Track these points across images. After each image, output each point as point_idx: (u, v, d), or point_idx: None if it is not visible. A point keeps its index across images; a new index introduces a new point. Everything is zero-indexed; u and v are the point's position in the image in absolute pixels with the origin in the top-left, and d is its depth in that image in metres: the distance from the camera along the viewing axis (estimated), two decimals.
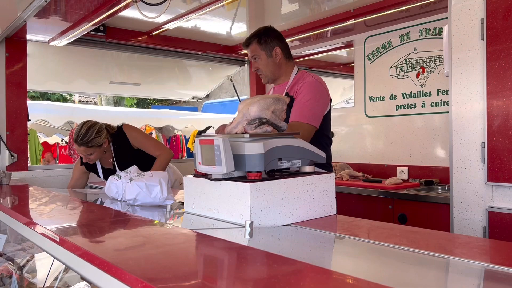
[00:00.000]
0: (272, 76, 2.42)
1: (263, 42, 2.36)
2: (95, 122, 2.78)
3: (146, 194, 1.84)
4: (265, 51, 2.37)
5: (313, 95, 2.24)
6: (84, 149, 2.70)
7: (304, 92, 2.25)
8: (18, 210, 1.71)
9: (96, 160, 2.83)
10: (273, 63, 2.38)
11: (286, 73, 2.41)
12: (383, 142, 3.71)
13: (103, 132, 2.74)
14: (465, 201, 2.02)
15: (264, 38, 2.36)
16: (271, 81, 2.46)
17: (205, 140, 1.48)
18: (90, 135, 2.67)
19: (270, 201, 1.42)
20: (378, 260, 1.15)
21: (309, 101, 2.22)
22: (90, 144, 2.68)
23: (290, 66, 2.42)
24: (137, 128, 2.94)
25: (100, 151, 2.78)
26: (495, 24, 1.89)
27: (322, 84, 2.33)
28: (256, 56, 2.39)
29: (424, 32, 3.42)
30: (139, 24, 3.70)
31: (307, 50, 4.43)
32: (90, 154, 2.73)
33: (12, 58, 3.27)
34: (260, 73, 2.43)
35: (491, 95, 1.90)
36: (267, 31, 2.40)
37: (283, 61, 2.39)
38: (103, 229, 1.36)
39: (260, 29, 2.42)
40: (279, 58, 2.37)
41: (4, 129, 3.20)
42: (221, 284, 0.77)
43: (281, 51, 2.37)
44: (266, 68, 2.39)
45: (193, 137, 8.65)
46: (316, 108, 2.23)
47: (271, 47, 2.36)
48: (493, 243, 1.38)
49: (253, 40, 2.38)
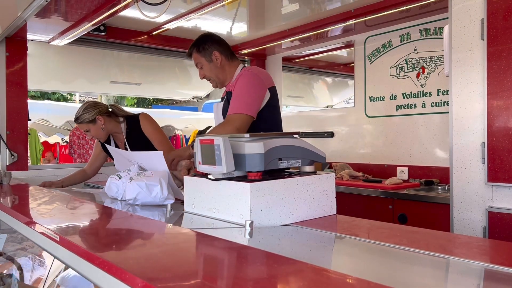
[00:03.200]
0: (218, 80, 2.48)
1: (201, 50, 2.43)
2: (88, 102, 2.95)
3: (146, 193, 1.84)
4: (205, 57, 2.43)
5: (244, 85, 2.28)
6: (79, 126, 2.91)
7: (236, 86, 2.30)
8: (19, 209, 1.71)
9: (97, 136, 2.95)
10: (215, 67, 2.44)
11: (231, 73, 2.46)
12: (383, 142, 3.71)
13: (92, 109, 2.85)
14: (465, 201, 2.02)
15: (202, 46, 2.43)
16: (219, 84, 2.51)
17: (205, 140, 1.48)
18: (79, 113, 2.85)
19: (270, 201, 1.42)
20: (378, 260, 1.15)
21: (240, 92, 2.26)
22: (79, 121, 2.86)
23: (233, 66, 2.47)
24: (152, 120, 3.00)
25: (96, 128, 2.87)
26: (496, 24, 1.89)
27: (254, 73, 2.34)
28: (199, 64, 2.46)
29: (424, 32, 3.42)
30: (139, 24, 3.70)
31: (307, 50, 4.44)
32: (87, 131, 2.89)
33: (12, 58, 3.27)
34: (208, 79, 2.50)
35: (491, 95, 1.90)
36: (203, 38, 2.46)
37: (225, 63, 2.45)
38: (103, 229, 1.36)
39: (198, 37, 2.49)
40: (219, 60, 2.42)
41: (4, 129, 3.20)
42: (221, 284, 0.77)
43: (220, 54, 2.42)
44: (210, 73, 2.46)
45: (193, 136, 8.65)
46: (248, 97, 2.25)
47: (209, 52, 2.42)
48: (493, 243, 1.38)
49: (193, 49, 2.46)
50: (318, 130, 4.30)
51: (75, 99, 16.56)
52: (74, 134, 7.47)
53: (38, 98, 14.31)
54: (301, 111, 4.85)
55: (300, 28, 3.84)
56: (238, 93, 2.27)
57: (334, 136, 4.15)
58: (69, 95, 16.26)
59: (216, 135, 1.46)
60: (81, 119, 2.84)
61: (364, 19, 3.46)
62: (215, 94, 13.29)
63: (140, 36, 3.90)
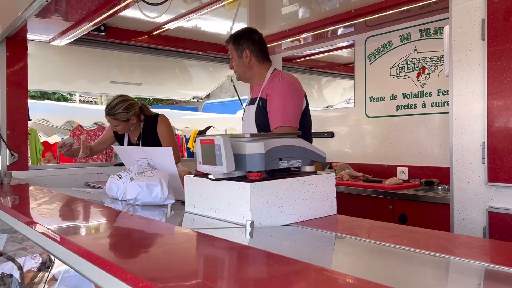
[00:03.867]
0: (242, 75, 2.57)
1: (236, 44, 2.51)
2: (128, 99, 2.94)
3: (147, 193, 1.84)
4: (237, 52, 2.51)
5: (283, 96, 2.32)
6: (109, 119, 2.90)
7: (274, 96, 2.34)
8: (19, 209, 1.71)
9: (122, 132, 3.00)
10: (243, 64, 2.51)
11: (260, 74, 2.52)
12: (384, 142, 3.71)
13: (132, 110, 2.90)
14: (465, 201, 2.02)
15: (238, 40, 2.51)
16: (242, 79, 2.61)
17: (206, 140, 1.48)
18: (117, 109, 2.85)
19: (271, 201, 1.42)
20: (378, 260, 1.15)
21: (280, 103, 2.31)
22: (114, 117, 2.86)
23: (264, 68, 2.52)
24: (168, 123, 3.07)
25: (126, 126, 2.94)
26: (496, 24, 1.89)
27: (291, 82, 2.39)
28: (231, 56, 2.56)
29: (424, 32, 3.42)
30: (139, 24, 3.70)
31: (307, 50, 4.43)
32: (116, 126, 2.92)
33: (12, 58, 3.27)
34: (234, 71, 2.60)
35: (491, 95, 1.90)
36: (242, 33, 2.54)
37: (255, 63, 2.51)
38: (104, 229, 1.36)
39: (239, 30, 2.57)
40: (248, 60, 2.49)
41: (4, 129, 3.20)
42: (222, 284, 0.77)
43: (250, 53, 2.48)
44: (237, 67, 2.55)
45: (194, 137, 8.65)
46: (290, 108, 2.31)
47: (242, 49, 2.49)
48: (493, 243, 1.38)
49: (230, 40, 2.55)
50: (318, 130, 4.30)
51: (75, 99, 16.55)
52: (74, 134, 7.47)
53: (38, 98, 14.31)
54: None
55: (300, 28, 3.84)
56: (281, 105, 2.31)
57: (334, 136, 4.15)
58: (69, 95, 16.25)
59: (216, 135, 1.46)
60: (117, 116, 2.86)
61: (364, 19, 3.46)
62: (215, 94, 13.30)
63: (140, 36, 3.91)
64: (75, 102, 15.75)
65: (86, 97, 16.46)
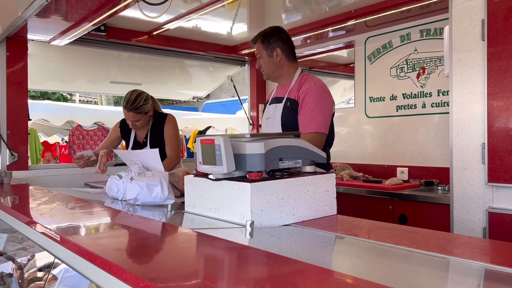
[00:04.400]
0: (272, 74, 2.52)
1: (265, 42, 2.47)
2: (142, 91, 2.97)
3: (147, 193, 1.84)
4: (267, 51, 2.47)
5: (318, 102, 2.31)
6: (132, 115, 2.87)
7: (309, 101, 2.32)
8: (19, 209, 1.71)
9: (141, 127, 2.99)
10: (274, 63, 2.47)
11: (289, 74, 2.49)
12: (384, 142, 3.71)
13: (149, 100, 2.95)
14: (465, 202, 2.02)
15: (267, 39, 2.46)
16: (271, 78, 2.56)
17: (206, 140, 1.48)
18: (139, 102, 2.86)
19: (271, 201, 1.42)
20: (378, 260, 1.15)
21: (315, 109, 2.30)
22: (138, 110, 2.86)
23: (293, 68, 2.50)
24: (176, 125, 3.10)
25: (146, 119, 2.96)
26: (496, 25, 1.89)
27: (325, 89, 2.39)
28: (259, 54, 2.51)
29: (424, 32, 3.42)
30: (140, 24, 3.70)
31: (307, 50, 4.44)
32: (137, 121, 2.91)
33: (12, 58, 3.27)
34: (262, 70, 2.55)
35: (491, 96, 1.90)
36: (272, 32, 2.49)
37: (285, 62, 2.47)
38: (104, 229, 1.36)
39: (267, 29, 2.52)
40: (279, 58, 2.46)
41: (4, 129, 3.20)
42: (222, 284, 0.77)
43: (282, 53, 2.45)
44: (266, 66, 2.51)
45: (194, 137, 8.66)
46: (323, 115, 2.32)
47: (272, 47, 2.45)
48: (493, 244, 1.39)
49: (258, 39, 2.50)
50: None
51: (75, 99, 16.54)
52: (74, 134, 7.46)
53: (38, 98, 14.30)
54: None
55: (300, 28, 3.84)
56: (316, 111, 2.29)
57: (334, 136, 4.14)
58: (69, 95, 16.24)
59: (216, 135, 1.46)
60: (140, 109, 2.86)
61: (365, 20, 3.46)
62: (215, 94, 13.30)
63: (140, 36, 3.90)
64: (75, 102, 15.74)
65: (86, 97, 16.45)
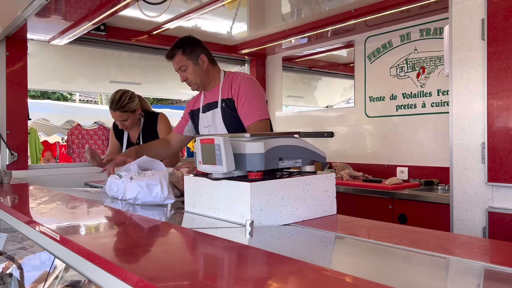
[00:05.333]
0: (201, 83, 2.45)
1: (188, 52, 2.39)
2: (127, 90, 2.95)
3: (147, 193, 1.84)
4: (192, 60, 2.39)
5: (252, 92, 2.33)
6: (119, 114, 2.86)
7: (243, 93, 2.33)
8: (19, 209, 1.71)
9: (131, 127, 2.98)
10: (201, 70, 2.41)
11: (215, 78, 2.46)
12: (383, 142, 3.71)
13: (135, 99, 2.92)
14: (465, 201, 2.02)
15: (189, 48, 2.39)
16: (201, 88, 2.48)
17: (206, 139, 1.48)
18: (123, 100, 2.84)
19: (271, 201, 1.42)
20: (378, 260, 1.15)
21: (252, 99, 2.32)
22: (124, 109, 2.85)
23: (217, 71, 2.48)
24: (168, 123, 3.08)
25: (134, 118, 2.93)
26: (496, 24, 1.89)
27: (253, 79, 2.43)
28: (183, 67, 2.40)
29: (424, 32, 3.42)
30: (139, 24, 3.70)
31: (307, 50, 4.44)
32: (125, 120, 2.89)
33: (12, 57, 3.27)
34: (189, 82, 2.45)
35: (491, 95, 1.90)
36: (189, 40, 2.43)
37: (210, 67, 2.44)
38: (103, 228, 1.36)
39: (181, 39, 2.44)
40: (206, 65, 2.41)
41: (4, 128, 3.20)
42: (222, 283, 0.77)
43: (206, 58, 2.41)
44: (195, 76, 2.42)
45: None
46: (261, 102, 2.35)
47: (197, 55, 2.39)
48: (493, 243, 1.38)
49: (177, 51, 2.39)
50: (318, 130, 4.30)
51: (75, 98, 16.54)
52: (73, 134, 7.46)
53: (38, 97, 14.30)
54: (301, 111, 4.85)
55: (300, 28, 3.84)
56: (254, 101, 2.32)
57: (334, 136, 4.15)
58: (69, 94, 16.24)
59: (216, 135, 1.46)
60: (126, 107, 2.84)
61: (364, 19, 3.46)
62: None
63: (140, 35, 3.90)
64: (75, 101, 15.74)
65: (86, 97, 16.45)
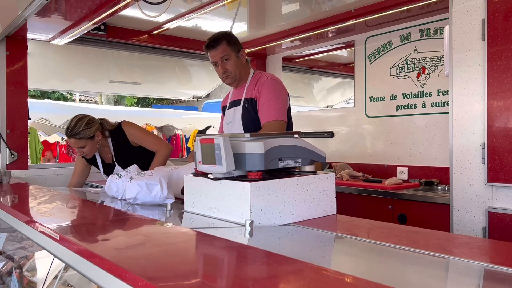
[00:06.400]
0: (239, 77, 2.43)
1: (232, 43, 2.36)
2: (85, 115, 2.76)
3: (146, 193, 1.84)
4: (234, 52, 2.37)
5: (273, 93, 2.33)
6: (74, 141, 2.69)
7: (264, 92, 2.33)
8: (19, 208, 1.71)
9: (90, 153, 2.79)
10: (241, 64, 2.42)
11: (246, 74, 2.47)
12: (383, 142, 3.71)
13: (94, 124, 2.72)
14: (465, 202, 2.02)
15: (234, 39, 2.37)
16: (236, 82, 2.46)
17: (206, 139, 1.48)
18: (78, 127, 2.65)
19: (270, 201, 1.42)
20: (378, 260, 1.15)
21: (271, 99, 2.31)
22: (79, 136, 2.66)
23: (249, 68, 2.49)
24: (135, 125, 2.92)
25: (93, 145, 2.74)
26: (496, 25, 1.89)
27: (277, 81, 2.40)
28: (227, 56, 2.35)
29: (424, 32, 3.42)
30: (139, 23, 3.70)
31: (307, 50, 4.43)
32: (82, 147, 2.71)
33: (12, 57, 3.27)
34: (228, 74, 2.40)
35: (491, 95, 1.90)
36: (232, 34, 2.43)
37: (246, 64, 2.45)
38: (103, 228, 1.36)
39: (224, 31, 2.42)
40: (244, 59, 2.42)
41: (4, 128, 3.20)
42: (221, 283, 0.77)
43: (245, 54, 2.43)
44: (235, 69, 2.39)
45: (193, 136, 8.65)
46: (280, 104, 2.33)
47: (238, 48, 2.39)
48: (493, 243, 1.38)
49: (223, 41, 2.35)
50: (318, 130, 4.30)
51: (75, 98, 16.54)
52: None
53: (38, 97, 14.30)
54: (301, 111, 4.84)
55: (300, 28, 3.83)
56: (273, 101, 2.31)
57: (334, 136, 4.15)
58: (69, 94, 16.24)
59: (216, 134, 1.46)
60: (81, 134, 2.66)
61: (365, 19, 3.46)
62: (215, 94, 13.28)
63: (140, 35, 3.90)
64: (75, 101, 15.74)
65: (86, 97, 16.46)
